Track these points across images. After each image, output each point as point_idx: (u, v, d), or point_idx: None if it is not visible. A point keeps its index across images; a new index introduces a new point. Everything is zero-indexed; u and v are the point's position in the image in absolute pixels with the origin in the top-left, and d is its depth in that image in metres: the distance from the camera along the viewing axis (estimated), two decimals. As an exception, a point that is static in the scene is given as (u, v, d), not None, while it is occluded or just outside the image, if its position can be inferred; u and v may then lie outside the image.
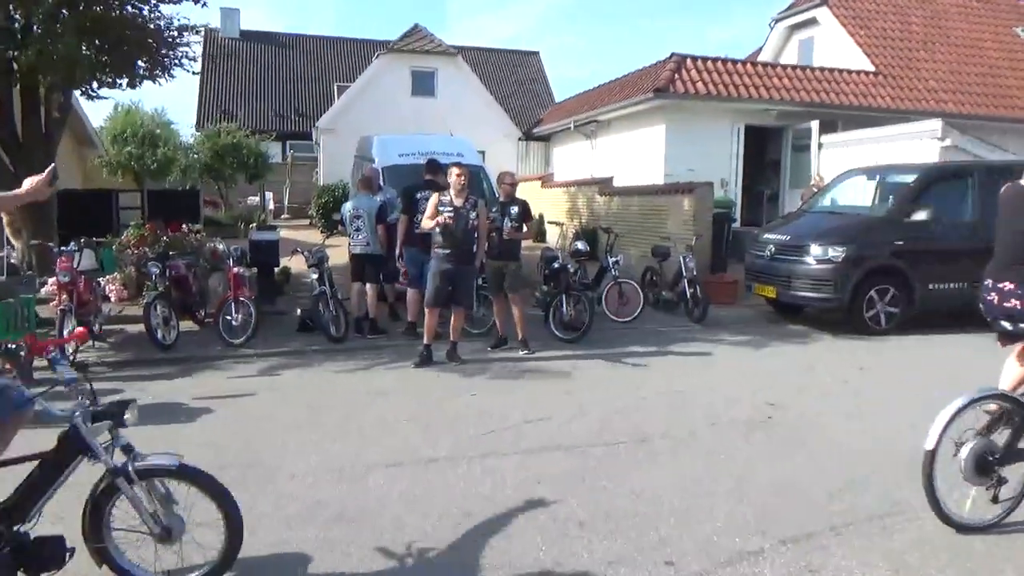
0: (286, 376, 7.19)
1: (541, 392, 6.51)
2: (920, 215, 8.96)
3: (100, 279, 9.09)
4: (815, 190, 13.89)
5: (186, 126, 24.00)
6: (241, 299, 8.39)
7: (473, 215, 7.51)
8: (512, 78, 35.70)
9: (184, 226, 12.07)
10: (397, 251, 8.68)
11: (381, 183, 9.78)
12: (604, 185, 15.64)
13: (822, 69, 17.13)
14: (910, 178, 9.50)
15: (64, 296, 7.76)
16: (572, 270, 9.03)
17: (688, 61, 16.13)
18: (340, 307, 8.63)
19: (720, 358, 7.94)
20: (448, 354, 7.64)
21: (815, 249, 9.15)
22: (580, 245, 9.80)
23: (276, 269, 10.58)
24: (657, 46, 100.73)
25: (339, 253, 10.35)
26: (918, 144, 13.26)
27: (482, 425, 5.53)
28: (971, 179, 9.46)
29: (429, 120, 20.69)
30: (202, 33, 11.94)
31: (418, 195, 8.61)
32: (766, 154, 18.09)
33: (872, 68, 17.58)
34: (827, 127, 16.00)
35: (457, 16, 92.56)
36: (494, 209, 8.19)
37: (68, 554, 2.92)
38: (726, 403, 6.15)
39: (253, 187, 24.71)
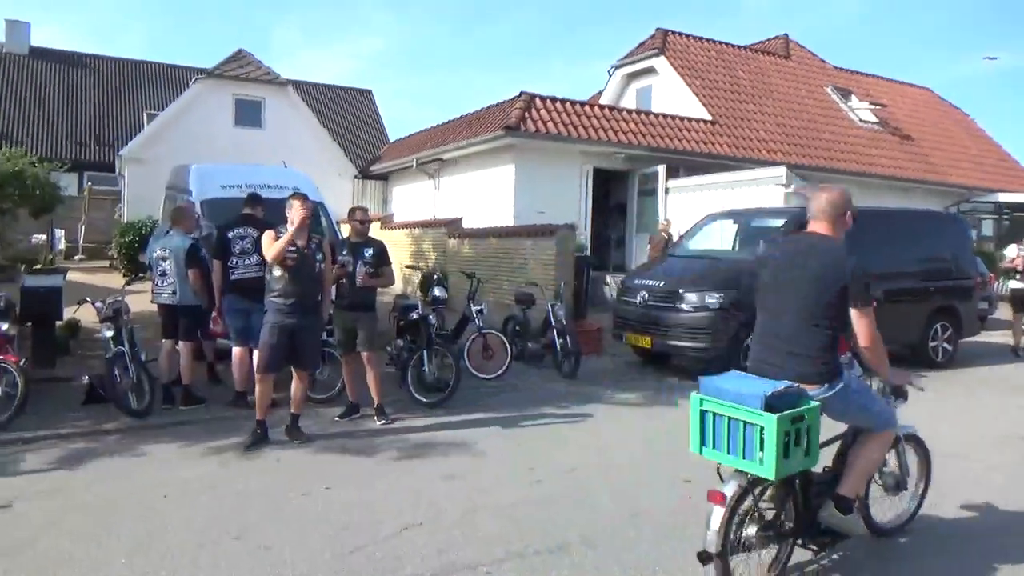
0: (58, 474, 5.31)
1: (414, 479, 5.19)
2: (792, 260, 8.67)
3: None
4: (664, 235, 13.71)
5: (-44, 152, 20.08)
6: (2, 365, 6.38)
7: (319, 257, 6.13)
8: (344, 115, 34.15)
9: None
10: (216, 301, 7.07)
11: (200, 220, 8.14)
12: (453, 227, 14.63)
13: (665, 115, 17.33)
14: (778, 222, 9.27)
15: None
16: (434, 321, 7.82)
17: (537, 100, 15.65)
18: (143, 371, 6.84)
19: (606, 421, 7.02)
20: (288, 430, 6.12)
21: (691, 296, 8.59)
22: (438, 292, 8.61)
23: (58, 323, 8.47)
24: (489, 95, 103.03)
25: (145, 301, 8.46)
26: (764, 190, 13.45)
27: (346, 538, 4.13)
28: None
29: (254, 154, 18.70)
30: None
31: (230, 233, 7.10)
32: (611, 198, 17.98)
33: (709, 117, 18.06)
34: (670, 172, 16.06)
35: (280, 51, 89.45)
36: (343, 251, 6.85)
37: None
38: (637, 484, 5.17)
39: (39, 223, 21.23)
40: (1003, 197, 21.79)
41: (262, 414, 6.00)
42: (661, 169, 15.83)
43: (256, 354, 6.63)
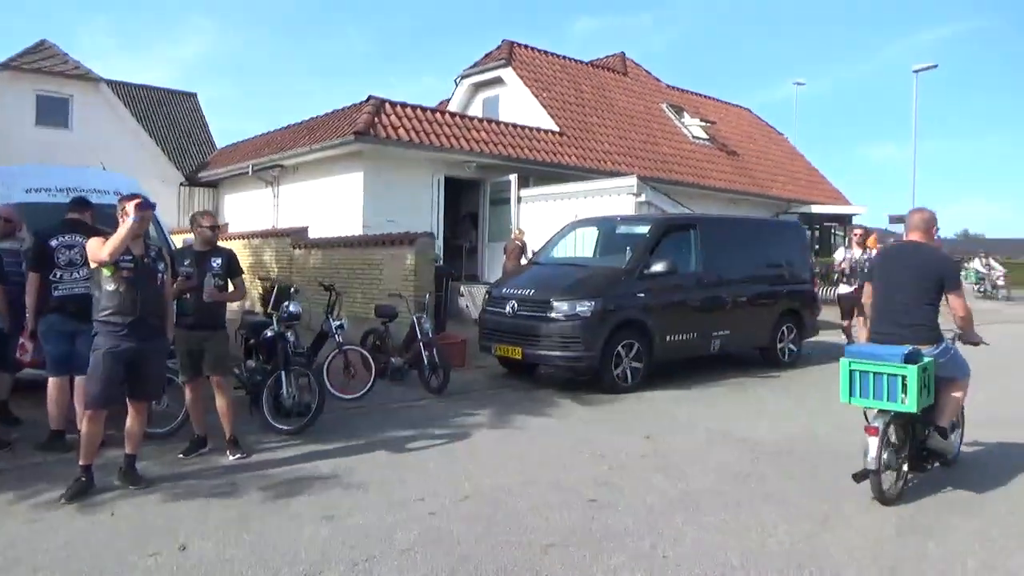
0: None
1: (288, 524, 4.45)
2: (658, 266, 8.71)
3: None
4: (518, 243, 13.55)
5: None
6: None
7: (161, 267, 5.23)
8: (166, 119, 31.46)
9: None
10: (29, 322, 5.90)
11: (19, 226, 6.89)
12: (298, 236, 13.64)
13: (516, 125, 17.27)
14: (643, 229, 9.29)
15: None
16: (292, 339, 7.02)
17: (387, 106, 15.01)
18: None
19: (487, 440, 6.56)
20: (123, 474, 5.14)
21: (562, 305, 8.36)
22: (293, 307, 7.76)
23: None
24: (323, 105, 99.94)
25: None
26: (615, 199, 13.64)
27: (208, 607, 3.38)
28: (695, 231, 9.56)
29: (61, 157, 16.56)
30: None
31: (54, 242, 6.00)
32: (461, 207, 17.66)
33: (557, 128, 18.23)
34: (521, 182, 15.99)
35: (89, 52, 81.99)
36: (186, 262, 5.95)
37: None
38: (540, 508, 4.76)
39: None
40: (815, 208, 23.80)
41: (88, 458, 4.97)
42: (514, 178, 15.71)
43: (80, 386, 5.63)
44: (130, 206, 4.93)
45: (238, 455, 5.82)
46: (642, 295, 8.67)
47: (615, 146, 19.30)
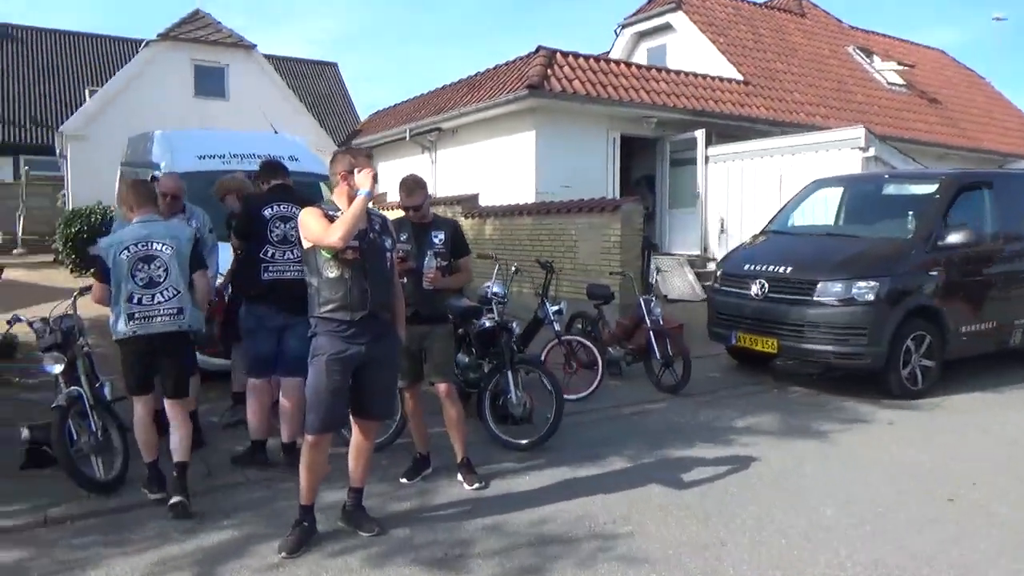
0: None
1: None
2: (955, 236, 6.75)
3: None
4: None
5: None
6: None
7: (388, 245, 3.96)
8: (309, 89, 31.37)
9: None
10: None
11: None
12: (469, 204, 12.43)
13: (699, 75, 15.29)
14: (928, 188, 7.31)
15: None
16: (518, 330, 5.70)
17: (559, 56, 13.46)
18: (110, 420, 4.62)
19: (786, 465, 4.98)
20: (350, 516, 3.96)
21: (833, 286, 6.58)
22: (497, 288, 6.37)
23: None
24: (460, 68, 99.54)
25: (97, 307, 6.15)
26: (835, 155, 11.53)
27: None
28: (989, 191, 7.47)
29: (220, 127, 16.24)
30: None
31: (268, 210, 4.90)
32: (632, 169, 15.94)
33: (740, 77, 16.10)
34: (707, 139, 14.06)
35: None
36: (402, 236, 4.67)
37: None
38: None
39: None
40: (1034, 163, 20.35)
41: (311, 496, 3.80)
42: (700, 135, 13.80)
43: (289, 389, 4.59)
44: (362, 176, 3.65)
45: (476, 484, 4.54)
46: (934, 274, 6.76)
47: (805, 95, 16.92)
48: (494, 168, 13.86)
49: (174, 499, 4.09)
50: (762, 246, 7.89)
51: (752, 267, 7.28)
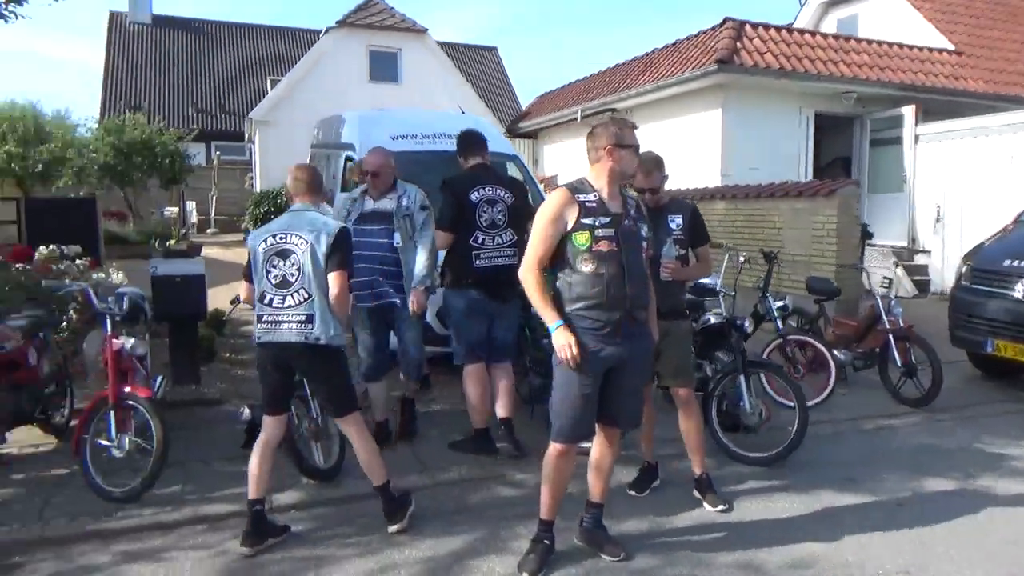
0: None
1: None
2: None
3: None
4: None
5: (85, 130, 18.89)
6: (129, 402, 4.14)
7: (645, 232, 3.49)
8: (470, 74, 31.64)
9: (55, 250, 7.64)
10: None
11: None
12: (650, 188, 11.79)
13: (905, 46, 13.75)
14: None
15: None
16: (748, 328, 5.10)
17: (748, 28, 12.48)
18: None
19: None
20: (590, 534, 3.56)
21: None
22: (710, 281, 5.74)
23: (200, 322, 6.29)
24: (619, 51, 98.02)
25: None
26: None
27: None
28: None
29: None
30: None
31: (475, 195, 4.62)
32: (822, 150, 14.63)
33: (951, 47, 14.33)
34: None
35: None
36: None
37: None
38: None
39: (171, 195, 19.94)
40: None
41: (552, 511, 3.43)
42: (908, 111, 12.36)
43: (501, 377, 4.36)
44: (557, 338, 3.22)
45: (720, 507, 4.02)
46: None
47: (1031, 66, 14.85)
48: (673, 150, 12.98)
49: (392, 527, 3.75)
50: (1017, 236, 6.73)
51: (1016, 263, 6.20)
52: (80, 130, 18.95)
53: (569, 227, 3.23)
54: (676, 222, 4.24)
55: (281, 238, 3.61)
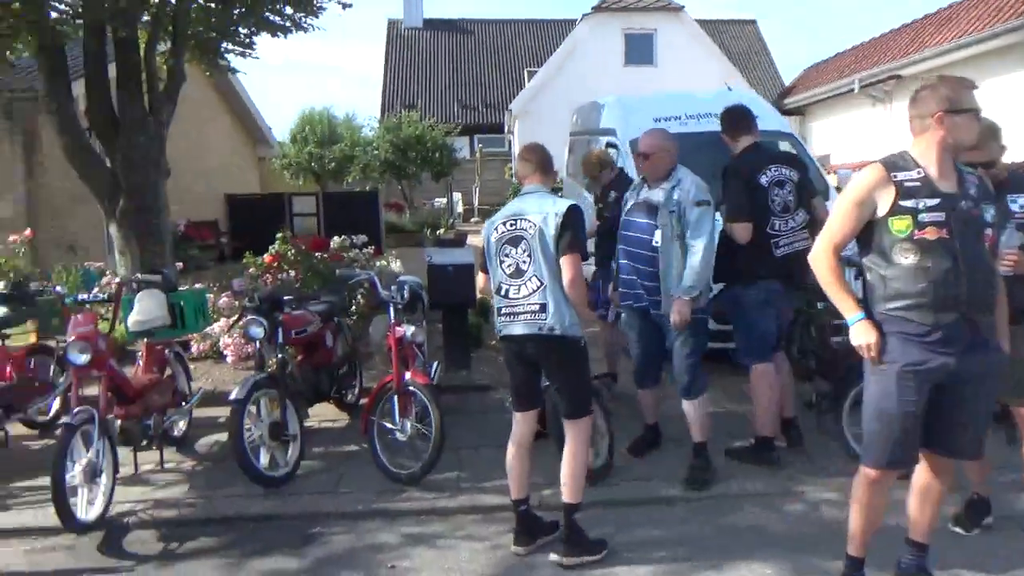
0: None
1: None
2: None
3: (178, 344, 5.30)
4: None
5: (368, 129, 21.04)
6: (411, 388, 4.31)
7: (990, 215, 2.86)
8: (728, 49, 30.10)
9: (346, 240, 8.40)
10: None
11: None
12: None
13: None
14: None
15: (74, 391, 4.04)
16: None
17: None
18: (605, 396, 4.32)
19: None
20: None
21: None
22: None
23: (470, 310, 6.50)
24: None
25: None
26: None
27: None
28: None
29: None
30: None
31: (764, 177, 4.19)
32: None
33: None
34: None
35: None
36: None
37: None
38: None
39: (439, 187, 21.44)
40: None
41: (862, 547, 2.94)
42: None
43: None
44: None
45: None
46: None
47: None
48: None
49: (553, 555, 3.37)
50: None
51: None
52: (364, 130, 21.04)
53: (883, 211, 2.71)
54: (1019, 203, 3.46)
55: (511, 224, 3.44)
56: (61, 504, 3.58)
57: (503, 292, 3.45)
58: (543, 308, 3.32)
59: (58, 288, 5.29)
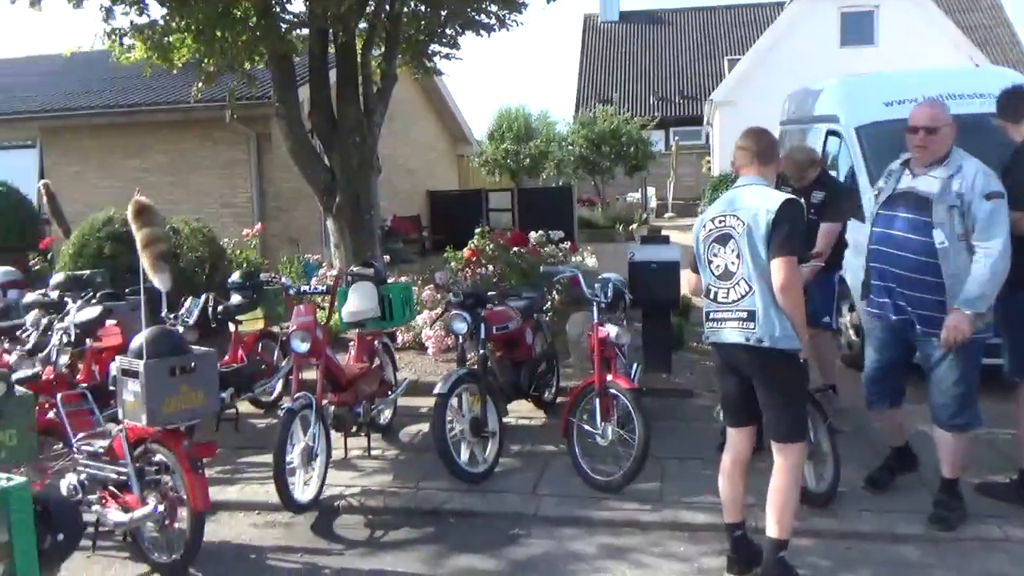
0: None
1: None
2: None
3: (385, 335, 5.47)
4: None
5: (563, 123, 21.22)
6: (613, 391, 4.11)
7: None
8: (959, 23, 26.78)
9: (543, 235, 8.40)
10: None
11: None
12: None
13: None
14: None
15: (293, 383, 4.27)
16: None
17: None
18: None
19: None
20: None
21: None
22: None
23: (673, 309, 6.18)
24: None
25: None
26: None
27: None
28: None
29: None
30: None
31: None
32: None
33: None
34: None
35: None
36: None
37: None
38: None
39: (632, 182, 21.06)
40: None
41: None
42: None
43: None
44: None
45: None
46: None
47: None
48: None
49: None
50: None
51: None
52: (558, 126, 21.19)
53: None
54: None
55: (720, 221, 3.11)
56: (282, 485, 3.79)
57: (711, 295, 3.16)
58: (751, 316, 2.99)
59: (284, 280, 5.65)
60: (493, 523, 3.85)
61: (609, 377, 4.14)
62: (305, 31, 8.05)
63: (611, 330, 4.25)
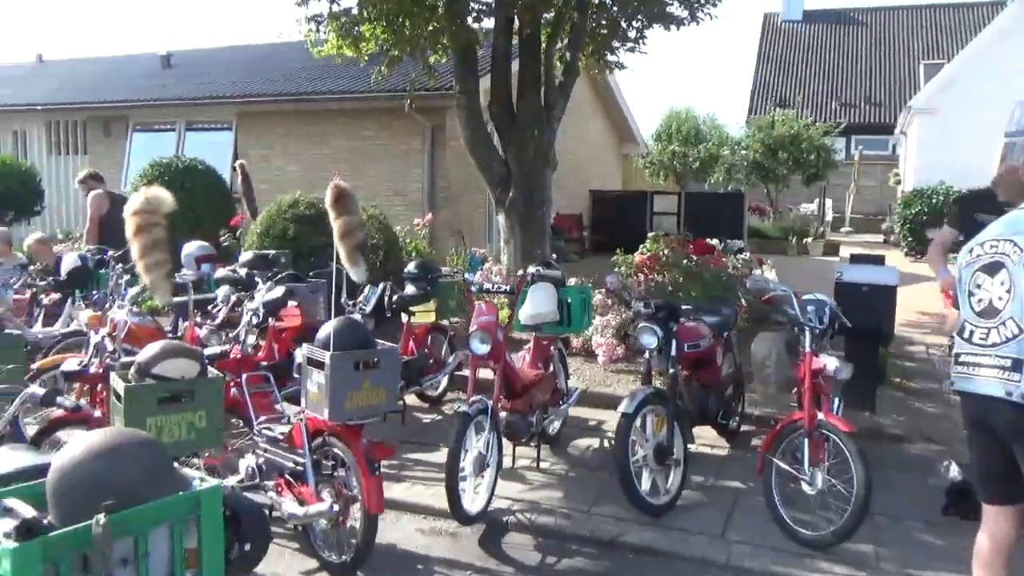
0: None
1: None
2: None
3: (560, 341, 5.11)
4: None
5: (735, 125, 20.21)
6: (826, 432, 3.57)
7: None
8: None
9: (726, 244, 7.85)
10: None
11: None
12: None
13: None
14: None
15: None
16: None
17: None
18: None
19: None
20: None
21: None
22: None
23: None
24: None
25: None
26: None
27: None
28: None
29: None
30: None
31: None
32: None
33: None
34: None
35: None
36: None
37: None
38: None
39: (808, 192, 19.66)
40: None
41: None
42: None
43: None
44: None
45: None
46: None
47: None
48: None
49: None
50: None
51: None
52: (728, 128, 20.15)
53: None
54: None
55: (992, 246, 2.55)
56: (453, 493, 3.57)
57: (966, 334, 2.58)
58: (1016, 366, 2.40)
59: (469, 276, 5.49)
60: (675, 566, 3.45)
61: (821, 415, 3.59)
62: (490, 23, 7.91)
63: (828, 362, 3.70)
